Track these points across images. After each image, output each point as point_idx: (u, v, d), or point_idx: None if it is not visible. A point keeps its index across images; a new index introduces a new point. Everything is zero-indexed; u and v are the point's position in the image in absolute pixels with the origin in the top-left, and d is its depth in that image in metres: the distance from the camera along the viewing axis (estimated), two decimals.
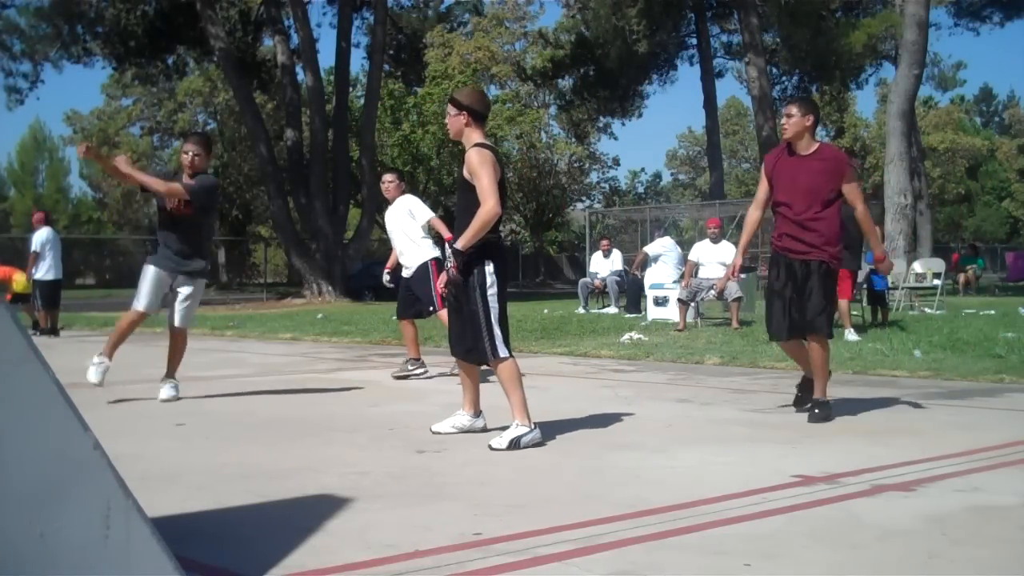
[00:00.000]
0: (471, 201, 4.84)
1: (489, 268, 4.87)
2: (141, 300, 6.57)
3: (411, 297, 7.98)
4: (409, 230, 7.93)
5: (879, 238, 5.77)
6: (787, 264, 5.68)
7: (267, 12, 29.27)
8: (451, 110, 5.06)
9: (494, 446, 4.70)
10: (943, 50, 76.56)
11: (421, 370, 7.97)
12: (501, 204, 4.81)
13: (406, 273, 7.99)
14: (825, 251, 5.63)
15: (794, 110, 5.66)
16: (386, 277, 8.56)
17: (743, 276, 14.46)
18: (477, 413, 5.15)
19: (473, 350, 4.90)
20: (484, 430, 5.10)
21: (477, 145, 4.94)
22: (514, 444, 4.70)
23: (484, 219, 4.74)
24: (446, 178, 36.41)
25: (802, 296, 5.57)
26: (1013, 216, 63.89)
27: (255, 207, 49.34)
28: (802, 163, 5.64)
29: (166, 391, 6.70)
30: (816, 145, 5.68)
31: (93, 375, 6.57)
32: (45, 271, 13.64)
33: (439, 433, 5.06)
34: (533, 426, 4.83)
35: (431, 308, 7.84)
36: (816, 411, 5.50)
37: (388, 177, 8.21)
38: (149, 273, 6.58)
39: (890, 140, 18.79)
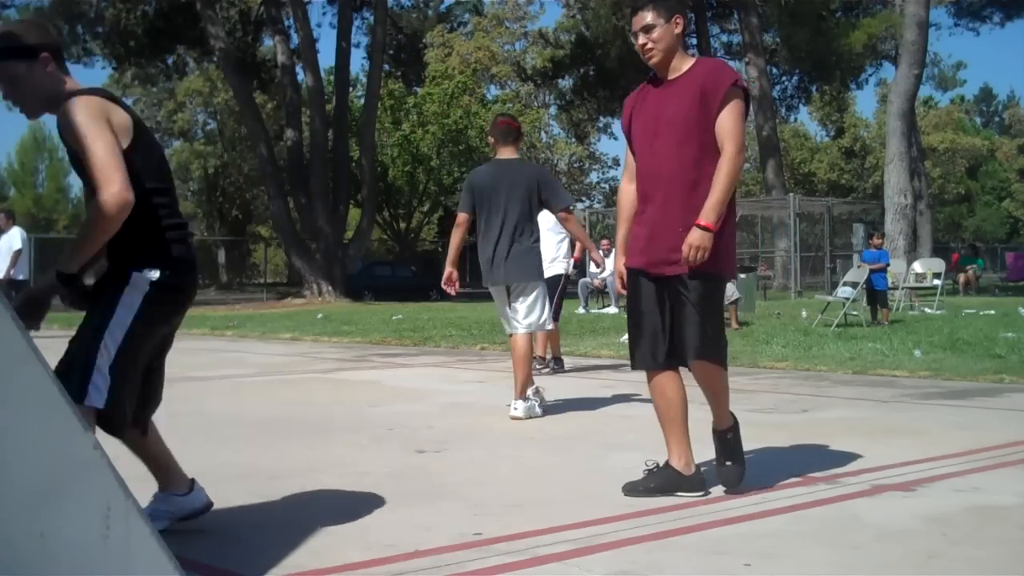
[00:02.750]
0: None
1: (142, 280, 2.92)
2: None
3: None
4: (550, 240, 7.91)
5: (722, 197, 3.52)
6: (645, 283, 3.70)
7: (267, 12, 29.28)
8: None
9: None
10: (943, 50, 76.66)
11: (546, 369, 8.08)
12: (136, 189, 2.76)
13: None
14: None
15: (651, 16, 3.63)
16: None
17: (742, 276, 14.53)
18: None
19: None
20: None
21: (78, 93, 2.90)
22: None
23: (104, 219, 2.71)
24: (446, 178, 36.43)
25: (674, 318, 3.67)
26: (1013, 216, 63.89)
27: (255, 207, 49.33)
28: (668, 91, 3.68)
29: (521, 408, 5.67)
30: (690, 62, 3.70)
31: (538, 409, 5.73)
32: (20, 270, 13.48)
33: None
34: None
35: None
36: (729, 435, 3.79)
37: None
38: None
39: (890, 140, 18.81)
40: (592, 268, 18.38)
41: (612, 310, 16.89)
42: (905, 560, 2.87)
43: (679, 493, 3.61)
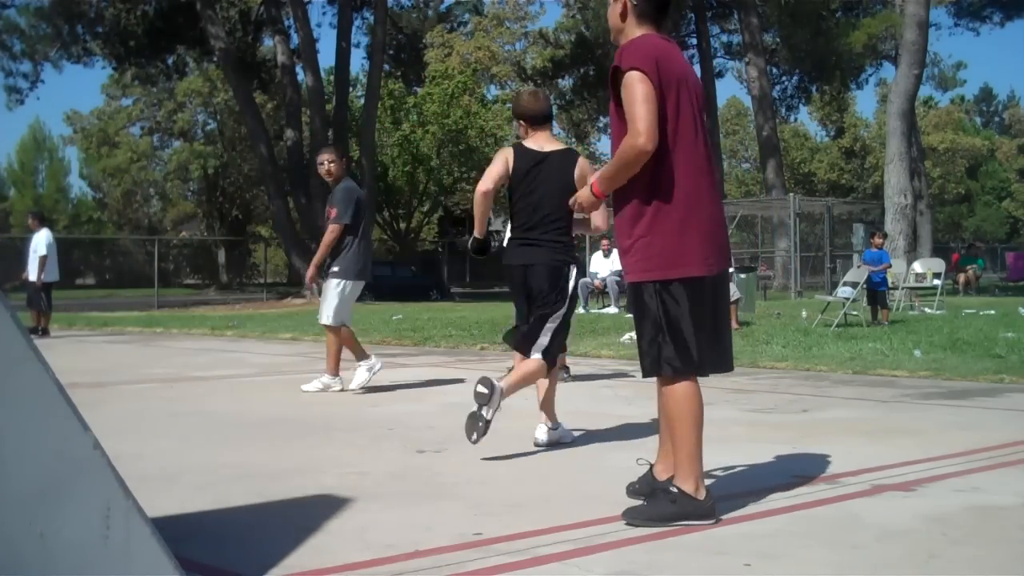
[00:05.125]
0: None
1: None
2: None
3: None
4: None
5: (607, 171, 3.40)
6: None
7: (267, 12, 29.28)
8: None
9: None
10: (943, 50, 76.71)
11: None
12: None
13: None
14: (632, 258, 3.37)
15: None
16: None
17: (742, 276, 14.52)
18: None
19: None
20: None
21: None
22: None
23: None
24: (446, 178, 36.44)
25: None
26: (1013, 216, 63.90)
27: (255, 207, 49.34)
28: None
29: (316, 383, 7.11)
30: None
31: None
32: (49, 273, 13.69)
33: None
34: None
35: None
36: (648, 505, 3.33)
37: None
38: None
39: (890, 140, 18.80)
40: (592, 268, 18.37)
41: (612, 310, 16.88)
42: (905, 560, 2.87)
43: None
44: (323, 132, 27.47)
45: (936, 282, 17.10)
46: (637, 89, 3.23)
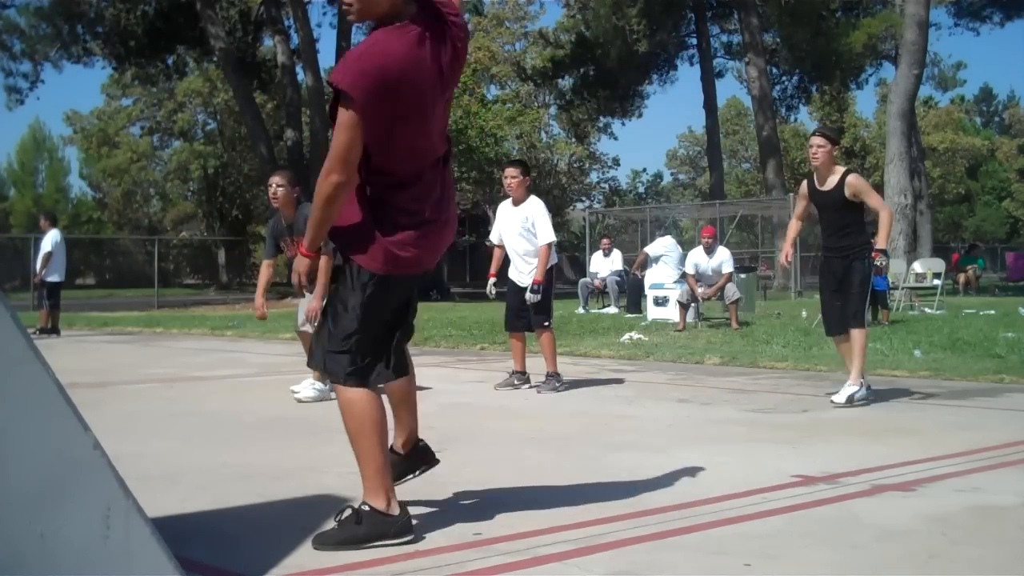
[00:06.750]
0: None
1: None
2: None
3: (524, 308, 7.10)
4: (529, 238, 7.07)
5: (312, 223, 3.33)
6: None
7: (267, 12, 29.28)
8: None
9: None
10: (943, 50, 76.51)
11: (526, 385, 7.23)
12: None
13: (520, 280, 7.10)
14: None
15: None
16: (492, 288, 7.48)
17: (742, 276, 14.52)
18: None
19: None
20: None
21: None
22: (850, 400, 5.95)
23: None
24: None
25: None
26: (1013, 216, 63.88)
27: (255, 207, 49.28)
28: None
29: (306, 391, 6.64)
30: None
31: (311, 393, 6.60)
32: (54, 272, 13.74)
33: None
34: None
35: (546, 323, 7.05)
36: (337, 528, 3.03)
37: (511, 171, 7.12)
38: None
39: (890, 140, 18.79)
40: (592, 268, 18.39)
41: (612, 310, 16.88)
42: (905, 560, 2.87)
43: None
44: (323, 132, 27.46)
45: (936, 282, 17.11)
46: (340, 117, 3.02)
